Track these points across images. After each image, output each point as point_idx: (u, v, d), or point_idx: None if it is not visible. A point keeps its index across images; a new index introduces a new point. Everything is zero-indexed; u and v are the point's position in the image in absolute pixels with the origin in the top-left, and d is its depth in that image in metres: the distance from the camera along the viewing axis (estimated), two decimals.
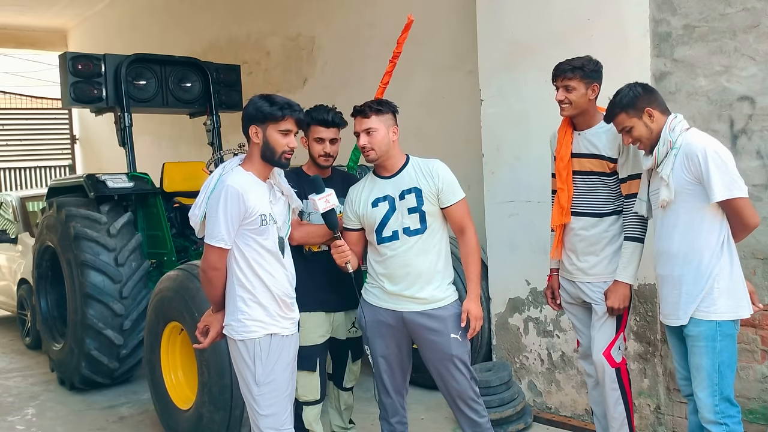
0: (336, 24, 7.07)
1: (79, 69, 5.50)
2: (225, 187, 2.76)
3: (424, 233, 3.13)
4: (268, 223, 2.83)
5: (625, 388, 3.32)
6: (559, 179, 3.37)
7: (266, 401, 2.84)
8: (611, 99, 3.01)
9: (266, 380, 2.83)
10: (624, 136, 3.00)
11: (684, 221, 2.86)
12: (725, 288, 2.82)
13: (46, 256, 5.90)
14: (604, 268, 3.28)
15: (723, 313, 2.82)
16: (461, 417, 3.26)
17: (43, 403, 5.36)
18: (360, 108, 3.15)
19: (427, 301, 3.12)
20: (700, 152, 2.77)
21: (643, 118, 2.91)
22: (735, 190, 2.75)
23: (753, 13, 3.48)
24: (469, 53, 5.12)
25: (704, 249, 2.83)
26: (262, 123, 2.83)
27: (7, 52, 14.03)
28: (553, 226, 3.44)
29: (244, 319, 2.82)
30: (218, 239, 2.76)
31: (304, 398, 3.43)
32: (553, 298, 3.57)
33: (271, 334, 2.84)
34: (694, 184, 2.82)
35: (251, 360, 2.82)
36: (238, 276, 2.83)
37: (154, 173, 5.63)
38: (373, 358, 3.26)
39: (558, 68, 3.26)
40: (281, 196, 2.98)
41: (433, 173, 3.15)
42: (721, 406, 2.81)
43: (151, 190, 5.48)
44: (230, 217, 2.75)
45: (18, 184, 14.22)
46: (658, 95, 2.99)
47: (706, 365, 2.83)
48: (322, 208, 3.02)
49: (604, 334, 3.29)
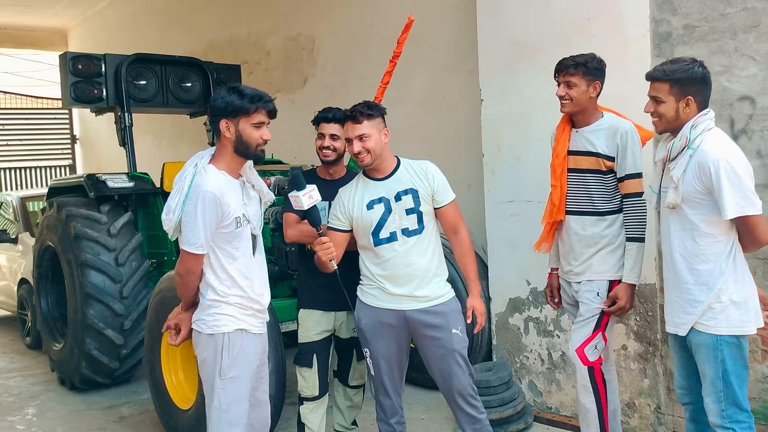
0: (336, 24, 7.07)
1: (79, 69, 5.50)
2: (202, 193, 2.71)
3: (421, 233, 3.16)
4: (243, 225, 2.84)
5: (599, 387, 3.29)
6: (552, 176, 3.34)
7: (227, 395, 2.84)
8: (667, 61, 2.85)
9: (229, 374, 2.83)
10: (649, 103, 2.83)
11: (690, 227, 2.74)
12: (729, 302, 2.70)
13: (47, 256, 5.89)
14: (597, 267, 3.26)
15: (724, 328, 2.71)
16: (461, 414, 3.27)
17: (44, 402, 5.36)
18: (351, 113, 3.14)
19: (429, 299, 3.15)
20: (713, 164, 2.61)
21: (680, 101, 2.73)
22: (747, 207, 2.60)
23: (753, 12, 3.48)
24: (469, 53, 5.12)
25: (707, 260, 2.72)
26: (234, 117, 2.77)
27: (7, 52, 14.02)
28: (542, 222, 3.44)
29: (215, 313, 2.83)
30: (197, 246, 2.75)
31: (304, 393, 3.51)
32: (552, 297, 3.57)
33: (241, 329, 2.86)
34: (703, 194, 2.67)
35: (219, 353, 2.83)
36: (210, 277, 2.84)
37: (155, 173, 5.62)
38: (374, 360, 3.26)
39: (561, 63, 3.24)
40: (254, 193, 2.96)
41: (428, 174, 3.19)
42: (728, 411, 2.74)
43: (151, 190, 5.48)
44: (208, 223, 2.73)
45: (18, 184, 14.22)
46: (709, 89, 2.81)
47: (709, 373, 2.77)
48: (306, 204, 3.00)
49: (581, 332, 3.29)
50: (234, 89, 2.81)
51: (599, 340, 3.27)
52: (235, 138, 2.79)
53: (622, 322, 3.90)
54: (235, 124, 2.78)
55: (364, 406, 3.88)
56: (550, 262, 3.56)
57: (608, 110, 3.32)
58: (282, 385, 3.77)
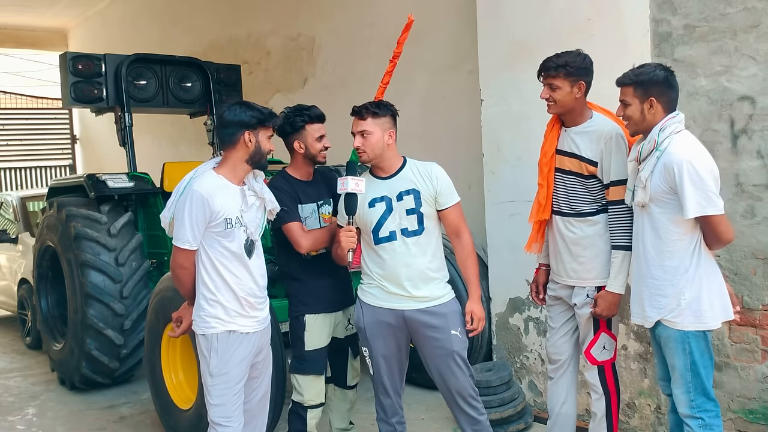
0: (336, 24, 7.08)
1: (79, 69, 5.51)
2: (191, 193, 2.93)
3: (421, 234, 3.16)
4: (234, 227, 2.97)
5: (608, 386, 3.29)
6: (540, 174, 3.32)
7: (217, 392, 3.01)
8: (633, 67, 2.97)
9: (219, 372, 2.99)
10: (619, 107, 2.96)
11: (656, 226, 2.86)
12: (694, 298, 2.82)
13: (47, 256, 5.89)
14: (586, 273, 3.22)
15: (690, 324, 2.84)
16: (461, 415, 3.27)
17: (44, 402, 5.36)
18: (357, 109, 3.18)
19: (428, 299, 3.15)
20: (677, 165, 2.73)
21: (644, 103, 2.86)
22: (709, 208, 2.72)
23: (753, 12, 3.48)
24: (469, 53, 5.12)
25: (672, 256, 2.83)
26: (254, 129, 3.00)
27: (7, 52, 14.03)
28: (529, 221, 3.43)
29: (205, 315, 3.00)
30: (183, 241, 2.95)
31: (310, 402, 3.41)
32: (537, 293, 3.54)
33: (230, 331, 3.00)
34: (669, 194, 2.79)
35: (208, 353, 3.01)
36: (203, 275, 3.00)
37: (155, 173, 5.62)
38: (373, 359, 3.27)
39: (543, 64, 3.18)
40: (254, 201, 3.08)
41: (432, 176, 3.18)
42: (697, 401, 2.87)
43: (151, 189, 5.48)
44: (195, 221, 2.92)
45: (18, 184, 14.22)
46: (673, 92, 2.90)
47: (678, 365, 2.89)
48: (351, 187, 3.07)
49: (586, 335, 3.29)
50: (247, 105, 3.05)
51: (606, 339, 3.26)
52: (254, 149, 3.01)
53: (623, 322, 3.90)
54: (256, 135, 3.01)
55: (364, 406, 3.88)
56: (538, 258, 3.54)
57: (600, 109, 3.27)
58: (282, 385, 3.77)
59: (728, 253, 3.56)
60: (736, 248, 3.53)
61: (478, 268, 3.26)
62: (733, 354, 3.63)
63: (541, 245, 3.46)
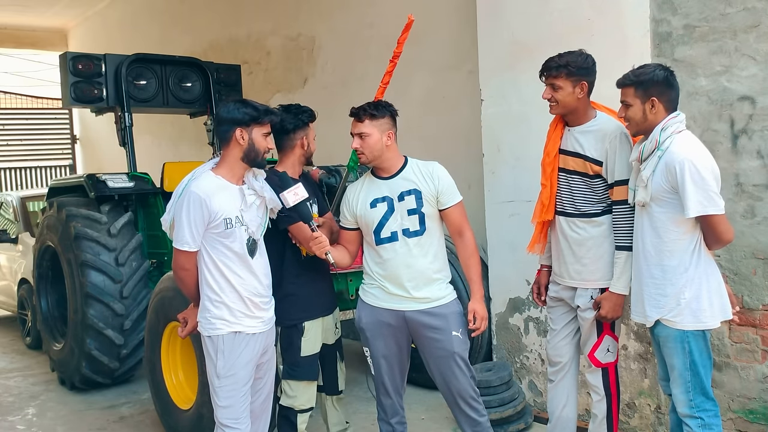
0: (336, 24, 7.08)
1: (79, 69, 5.51)
2: (189, 194, 2.92)
3: (422, 235, 3.15)
4: (234, 227, 2.95)
5: (610, 389, 3.29)
6: (543, 174, 3.31)
7: (225, 393, 2.99)
8: (634, 68, 2.98)
9: (226, 374, 2.98)
10: (621, 108, 2.97)
11: (656, 225, 2.87)
12: (693, 298, 2.83)
13: (47, 256, 5.90)
14: (590, 274, 3.21)
15: (689, 323, 2.85)
16: (461, 416, 3.26)
17: (44, 402, 5.36)
18: (355, 111, 3.17)
19: (428, 300, 3.14)
20: (678, 164, 2.74)
21: (646, 103, 2.88)
22: (710, 208, 2.73)
23: (753, 12, 3.48)
24: (469, 53, 5.12)
25: (672, 256, 2.84)
26: (247, 126, 2.98)
27: (7, 52, 14.02)
28: (532, 222, 3.42)
29: (210, 317, 2.99)
30: (182, 243, 2.94)
31: (301, 407, 3.38)
32: (539, 294, 3.53)
33: (235, 332, 2.98)
34: (670, 193, 2.80)
35: (215, 354, 2.99)
36: (206, 277, 2.99)
37: (155, 173, 5.62)
38: (374, 359, 3.26)
39: (544, 65, 3.17)
40: (253, 199, 3.05)
41: (433, 175, 3.17)
42: (696, 401, 2.88)
43: (151, 190, 5.48)
44: (193, 222, 2.90)
45: (18, 184, 14.22)
46: (674, 92, 2.91)
47: (677, 365, 2.90)
48: (291, 201, 3.03)
49: (589, 338, 3.29)
50: (243, 102, 3.03)
51: (609, 342, 3.25)
52: (248, 146, 2.99)
53: (623, 321, 3.90)
54: (249, 133, 2.99)
55: (364, 406, 3.88)
56: (540, 259, 3.53)
57: (604, 108, 3.27)
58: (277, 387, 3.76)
59: (728, 253, 3.56)
60: (736, 248, 3.53)
61: (480, 267, 3.24)
62: (733, 354, 3.63)
63: (544, 246, 3.44)
